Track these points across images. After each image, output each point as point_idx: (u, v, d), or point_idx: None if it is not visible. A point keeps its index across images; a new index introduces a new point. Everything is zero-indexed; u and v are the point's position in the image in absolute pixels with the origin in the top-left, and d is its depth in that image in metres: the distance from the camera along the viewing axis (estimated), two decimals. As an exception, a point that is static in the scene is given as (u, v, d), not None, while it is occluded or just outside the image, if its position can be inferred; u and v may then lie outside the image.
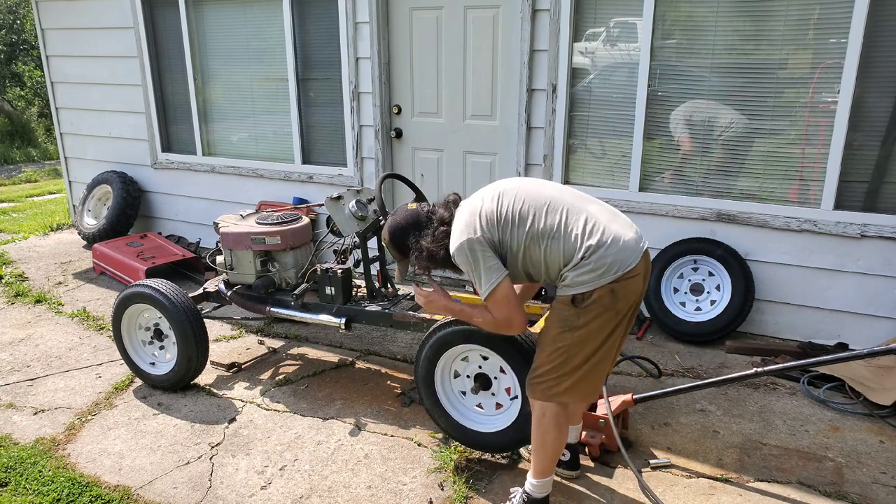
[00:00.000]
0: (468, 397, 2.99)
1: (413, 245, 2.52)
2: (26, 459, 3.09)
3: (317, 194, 5.43)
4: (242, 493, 2.85)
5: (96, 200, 6.36)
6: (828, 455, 3.02)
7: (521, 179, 2.52)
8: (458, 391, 3.00)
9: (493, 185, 2.51)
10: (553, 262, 2.34)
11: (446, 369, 2.97)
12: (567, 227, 2.32)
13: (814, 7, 3.74)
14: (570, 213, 2.35)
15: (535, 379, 2.47)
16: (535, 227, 2.33)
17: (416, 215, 2.56)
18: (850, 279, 3.91)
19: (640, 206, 4.34)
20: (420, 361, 2.97)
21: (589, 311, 2.32)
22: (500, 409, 2.91)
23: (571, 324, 2.34)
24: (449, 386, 3.00)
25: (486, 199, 2.41)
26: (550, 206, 2.36)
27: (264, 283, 3.63)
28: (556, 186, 2.48)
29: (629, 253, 2.32)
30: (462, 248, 2.35)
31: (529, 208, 2.35)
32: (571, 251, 2.30)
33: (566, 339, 2.36)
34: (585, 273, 2.29)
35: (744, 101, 4.02)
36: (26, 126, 13.61)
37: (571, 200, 2.40)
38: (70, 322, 4.68)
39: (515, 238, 2.35)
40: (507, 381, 2.85)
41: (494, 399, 2.92)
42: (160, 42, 5.95)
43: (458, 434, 2.99)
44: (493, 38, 4.59)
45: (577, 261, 2.29)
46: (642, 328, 4.32)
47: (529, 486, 2.58)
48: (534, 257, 2.36)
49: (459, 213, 2.47)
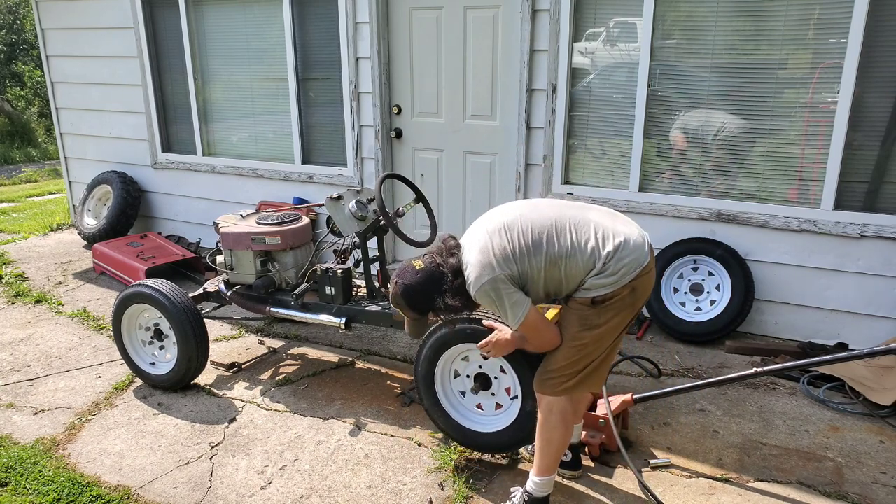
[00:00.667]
0: (468, 397, 2.99)
1: (438, 307, 2.47)
2: (26, 459, 3.09)
3: (317, 194, 5.44)
4: (243, 492, 2.85)
5: (96, 200, 6.36)
6: (828, 455, 3.02)
7: (516, 206, 2.49)
8: (457, 391, 3.00)
9: (493, 218, 2.46)
10: (573, 276, 2.37)
11: (446, 369, 2.97)
12: (581, 241, 2.34)
13: (814, 7, 3.74)
14: (578, 227, 2.37)
15: (546, 375, 2.48)
16: (551, 252, 2.34)
17: (430, 274, 2.45)
18: (850, 279, 3.91)
19: (639, 206, 4.34)
20: (420, 361, 2.97)
21: (609, 310, 2.36)
22: (499, 410, 2.91)
23: (592, 322, 2.37)
24: (449, 386, 3.00)
25: (493, 236, 2.38)
26: (558, 226, 2.37)
27: (264, 283, 3.63)
28: (552, 204, 2.48)
29: (641, 251, 2.37)
30: (485, 290, 2.34)
31: (540, 235, 2.36)
32: (591, 263, 2.33)
33: (585, 338, 2.39)
34: (606, 277, 2.32)
35: (743, 101, 4.02)
36: (26, 126, 13.61)
37: (575, 213, 2.42)
38: (70, 322, 4.68)
39: (534, 266, 2.35)
40: (506, 380, 2.85)
41: (494, 399, 2.92)
42: (160, 42, 5.95)
43: (458, 435, 2.99)
44: (493, 38, 4.60)
45: (599, 269, 2.33)
46: (642, 328, 4.32)
47: (531, 485, 2.58)
48: (554, 278, 2.38)
49: (468, 253, 2.42)
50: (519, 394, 2.77)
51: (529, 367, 2.65)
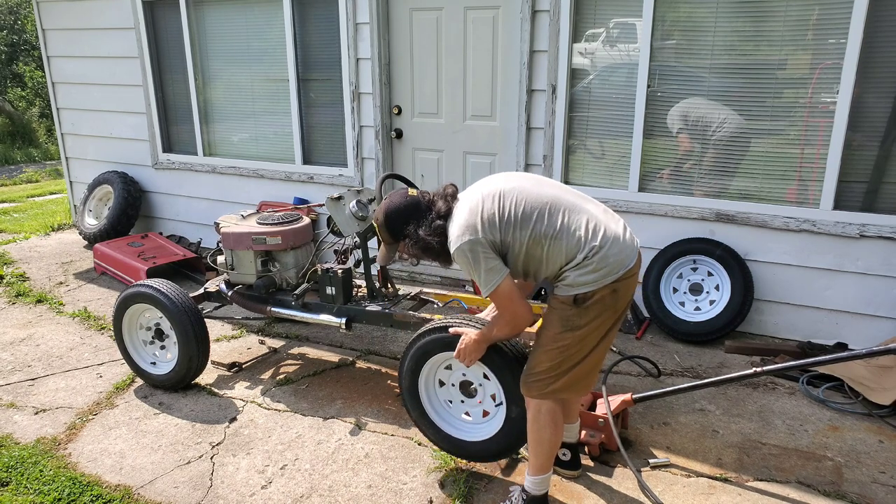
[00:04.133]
0: (455, 406, 2.91)
1: (409, 233, 2.49)
2: (27, 459, 3.10)
3: (317, 194, 5.44)
4: (243, 492, 2.86)
5: (97, 200, 6.37)
6: (827, 454, 3.03)
7: (520, 176, 2.49)
8: (444, 400, 2.92)
9: (493, 182, 2.48)
10: (555, 261, 2.35)
11: (430, 379, 2.90)
12: (570, 227, 2.32)
13: (813, 7, 3.75)
14: (571, 213, 2.35)
15: (531, 377, 2.47)
16: (538, 229, 2.33)
17: (415, 203, 2.52)
18: (850, 279, 3.92)
19: (639, 206, 4.35)
20: (403, 373, 2.89)
21: (591, 311, 2.33)
22: (487, 417, 2.83)
23: (573, 323, 2.35)
24: (435, 396, 2.92)
25: (486, 199, 2.39)
26: (552, 206, 2.35)
27: (265, 283, 3.64)
28: (554, 185, 2.48)
29: (629, 252, 2.35)
30: (463, 250, 2.34)
31: (532, 209, 2.34)
32: (574, 251, 2.31)
33: (567, 339, 2.37)
34: (588, 273, 2.30)
35: (743, 101, 4.03)
36: (27, 126, 13.63)
37: (572, 200, 2.40)
38: (71, 322, 4.69)
39: (518, 239, 2.35)
40: (491, 387, 2.77)
41: (482, 407, 2.84)
42: (161, 42, 5.96)
43: (449, 445, 2.90)
44: (493, 38, 4.60)
45: (580, 261, 2.30)
46: (642, 328, 4.33)
47: (528, 484, 2.58)
48: (535, 256, 2.37)
49: (458, 209, 2.44)
50: (503, 399, 2.69)
51: (510, 372, 2.60)
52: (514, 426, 2.68)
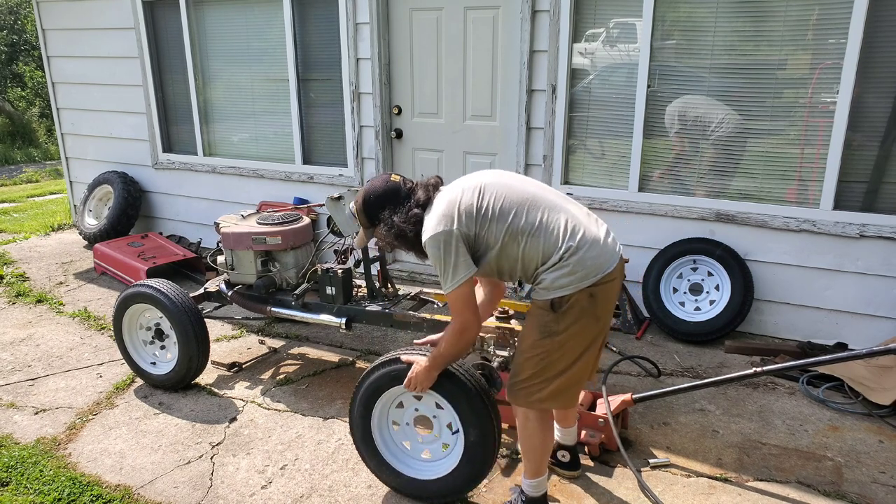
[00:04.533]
0: (414, 447, 2.75)
1: (384, 218, 2.46)
2: (27, 459, 3.10)
3: (317, 194, 5.44)
4: (243, 492, 2.86)
5: (97, 200, 6.37)
6: (827, 454, 3.03)
7: (503, 174, 2.46)
8: (401, 443, 2.76)
9: (475, 177, 2.44)
10: (530, 259, 2.31)
11: (383, 422, 2.73)
12: (548, 225, 2.28)
13: (813, 7, 3.75)
14: (551, 211, 2.31)
15: (516, 385, 2.43)
16: (515, 224, 2.28)
17: (395, 189, 2.47)
18: (850, 279, 3.92)
19: (639, 206, 4.35)
20: (354, 419, 2.71)
21: (568, 316, 2.28)
22: (447, 449, 2.67)
23: (551, 329, 2.31)
24: (391, 440, 2.75)
25: (466, 192, 2.35)
26: (531, 203, 2.32)
27: (265, 283, 3.64)
28: (537, 184, 2.45)
29: (608, 257, 2.30)
30: (436, 239, 2.29)
31: (511, 205, 2.31)
32: (551, 250, 2.27)
33: (545, 345, 2.33)
34: (564, 276, 2.25)
35: (743, 101, 4.03)
36: (27, 126, 13.64)
37: (553, 199, 2.37)
38: (71, 322, 4.69)
39: (493, 233, 2.30)
40: (446, 416, 2.60)
41: (440, 441, 2.68)
42: (161, 42, 5.96)
43: (419, 491, 2.70)
44: (493, 38, 4.60)
45: (556, 261, 2.26)
46: (642, 328, 4.33)
47: (525, 487, 2.59)
48: (511, 254, 2.32)
49: (438, 200, 2.40)
50: (459, 426, 2.54)
51: (464, 395, 2.49)
52: (476, 452, 2.54)
